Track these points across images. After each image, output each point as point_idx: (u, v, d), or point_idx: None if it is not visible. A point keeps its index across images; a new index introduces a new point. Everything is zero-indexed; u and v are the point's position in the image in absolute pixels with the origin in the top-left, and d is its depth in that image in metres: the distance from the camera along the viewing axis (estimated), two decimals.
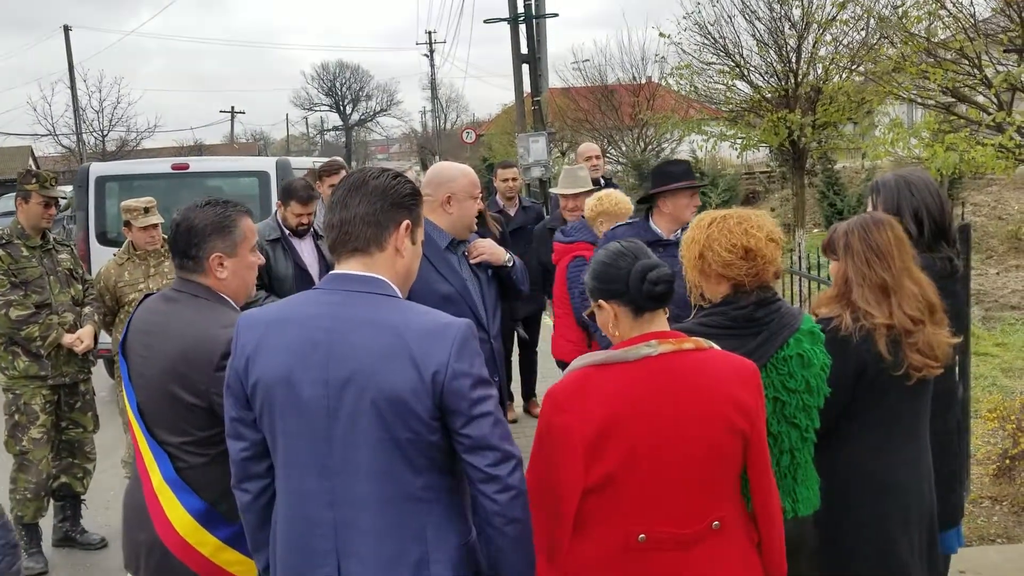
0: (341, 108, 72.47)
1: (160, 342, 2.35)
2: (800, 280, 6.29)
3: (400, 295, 1.92)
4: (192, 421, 2.29)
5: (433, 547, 1.83)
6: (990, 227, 14.68)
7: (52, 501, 4.62)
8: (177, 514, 2.29)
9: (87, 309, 4.59)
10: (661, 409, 1.90)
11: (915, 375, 2.38)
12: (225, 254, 2.39)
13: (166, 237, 3.21)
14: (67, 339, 4.39)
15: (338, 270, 1.92)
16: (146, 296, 2.53)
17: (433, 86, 54.90)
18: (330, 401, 1.80)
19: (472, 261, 3.40)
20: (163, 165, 8.02)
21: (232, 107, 55.58)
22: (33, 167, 40.63)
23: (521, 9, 16.10)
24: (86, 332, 4.47)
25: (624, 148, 20.83)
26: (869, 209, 2.99)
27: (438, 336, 1.80)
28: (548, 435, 1.93)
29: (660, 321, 2.01)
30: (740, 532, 2.03)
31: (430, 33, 53.08)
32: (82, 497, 4.73)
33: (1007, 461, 4.74)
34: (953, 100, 6.22)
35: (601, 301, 2.02)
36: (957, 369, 3.03)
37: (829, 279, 2.82)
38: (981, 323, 8.94)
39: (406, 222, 1.94)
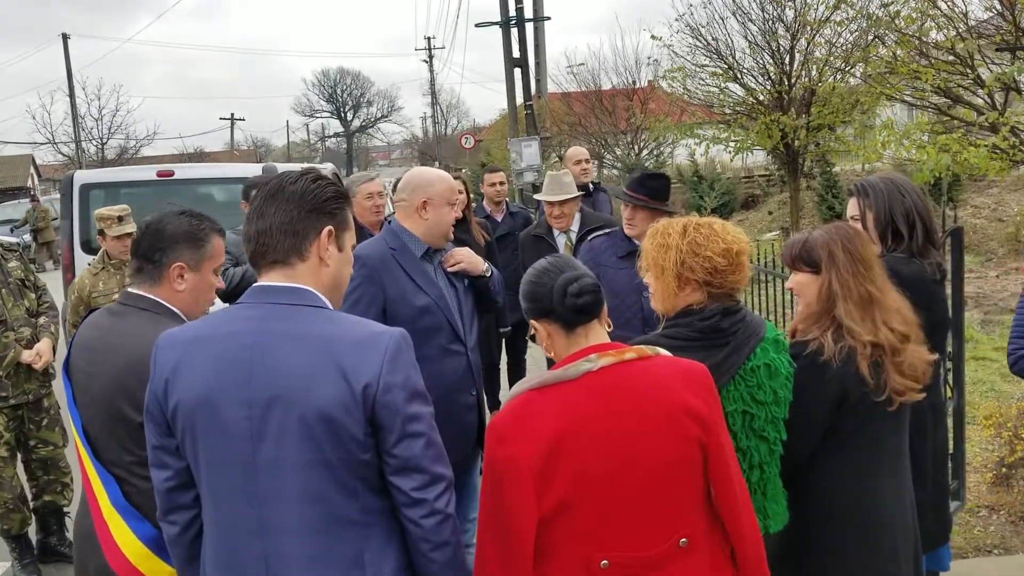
0: (342, 114, 72.67)
1: (105, 357, 2.25)
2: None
3: (329, 305, 1.82)
4: (139, 440, 2.15)
5: (371, 573, 1.73)
6: (990, 229, 14.51)
7: (35, 518, 4.55)
8: (127, 541, 2.19)
9: (42, 320, 4.46)
10: (609, 425, 1.81)
11: (898, 400, 2.23)
12: (188, 266, 2.30)
13: None
14: (26, 356, 4.27)
15: (260, 282, 1.82)
16: (90, 311, 2.43)
17: (433, 92, 54.97)
18: (253, 422, 1.70)
19: (449, 270, 3.30)
20: (148, 172, 7.96)
21: (232, 114, 55.73)
22: (35, 175, 40.45)
23: (513, 13, 16.07)
24: (44, 347, 4.35)
25: (618, 152, 20.74)
26: (854, 212, 2.90)
27: (369, 347, 1.71)
28: (494, 469, 1.82)
29: (596, 334, 1.92)
30: (714, 549, 1.92)
31: (429, 39, 53.18)
32: (66, 509, 4.66)
33: (1004, 469, 4.64)
34: (946, 101, 6.13)
35: (533, 321, 1.96)
36: (943, 384, 2.92)
37: None
38: (980, 327, 8.79)
39: (328, 228, 1.83)
